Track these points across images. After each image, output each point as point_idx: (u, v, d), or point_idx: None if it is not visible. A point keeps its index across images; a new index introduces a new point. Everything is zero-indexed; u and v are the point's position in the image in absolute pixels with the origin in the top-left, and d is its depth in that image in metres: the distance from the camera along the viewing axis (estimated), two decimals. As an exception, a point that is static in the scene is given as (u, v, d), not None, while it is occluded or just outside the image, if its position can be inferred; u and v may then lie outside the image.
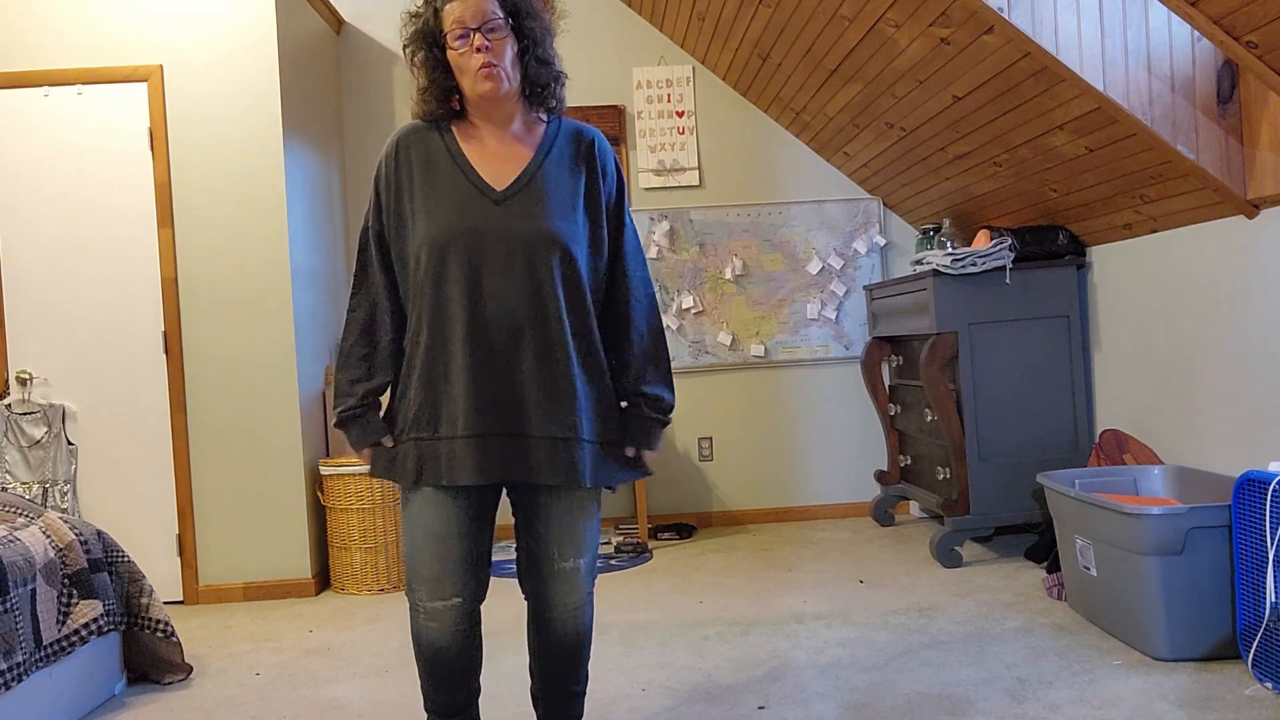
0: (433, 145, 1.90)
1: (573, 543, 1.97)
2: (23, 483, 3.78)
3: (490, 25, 1.82)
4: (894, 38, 3.42)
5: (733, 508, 4.92)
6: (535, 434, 1.86)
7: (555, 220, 1.86)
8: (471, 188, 1.86)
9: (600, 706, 2.55)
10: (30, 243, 3.86)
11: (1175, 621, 2.63)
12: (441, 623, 1.93)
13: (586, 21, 4.90)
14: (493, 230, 1.83)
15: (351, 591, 3.93)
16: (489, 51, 1.81)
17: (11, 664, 2.35)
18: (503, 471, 1.85)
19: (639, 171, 4.90)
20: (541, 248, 1.84)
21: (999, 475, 3.80)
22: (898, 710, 2.42)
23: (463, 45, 1.82)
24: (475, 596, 1.96)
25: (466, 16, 1.81)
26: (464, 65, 1.83)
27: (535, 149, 1.92)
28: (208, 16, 3.89)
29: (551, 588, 1.99)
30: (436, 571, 1.90)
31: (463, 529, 1.90)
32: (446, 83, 1.89)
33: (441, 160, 1.89)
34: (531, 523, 1.98)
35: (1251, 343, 3.00)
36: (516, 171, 1.89)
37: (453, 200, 1.85)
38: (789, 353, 4.90)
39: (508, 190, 1.86)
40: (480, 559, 1.95)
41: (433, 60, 1.88)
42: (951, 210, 4.48)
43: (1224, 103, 2.92)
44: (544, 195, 1.87)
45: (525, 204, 1.86)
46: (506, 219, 1.84)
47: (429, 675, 1.98)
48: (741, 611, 3.35)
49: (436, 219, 1.84)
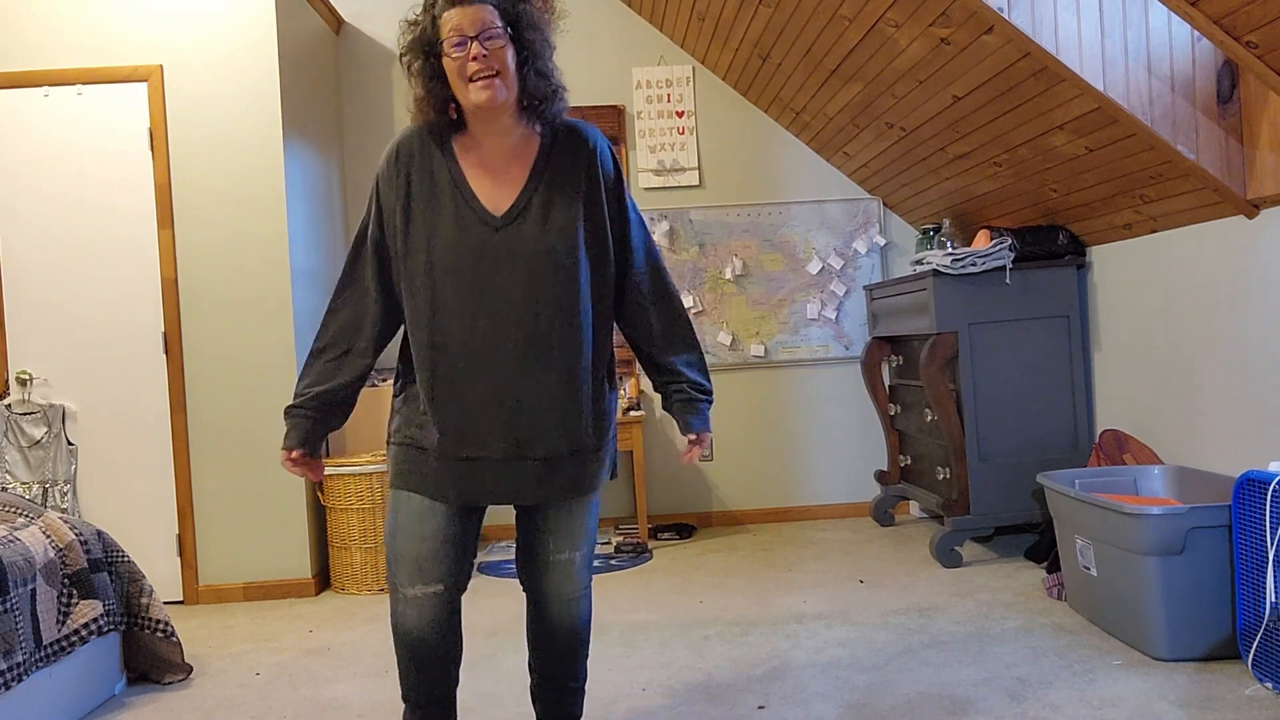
0: (435, 162, 1.88)
1: (570, 536, 1.99)
2: (23, 483, 3.78)
3: (489, 34, 1.79)
4: (894, 38, 3.42)
5: (733, 508, 4.92)
6: (538, 456, 1.87)
7: (554, 239, 1.85)
8: (471, 214, 1.85)
9: (600, 706, 2.55)
10: (30, 243, 3.86)
11: (1175, 621, 2.63)
12: (421, 611, 1.93)
13: (586, 21, 4.90)
14: (492, 251, 1.83)
15: (351, 591, 3.93)
16: (486, 60, 1.78)
17: (11, 664, 2.35)
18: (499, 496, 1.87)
19: (639, 171, 4.90)
20: (541, 267, 1.84)
21: (999, 475, 3.80)
22: (898, 710, 2.42)
23: (460, 53, 1.79)
24: (457, 585, 1.96)
25: (465, 25, 1.78)
26: (461, 74, 1.80)
27: (532, 166, 1.90)
28: (208, 16, 3.89)
29: (547, 578, 2.02)
30: (418, 553, 1.90)
31: (448, 517, 1.92)
32: (443, 92, 1.86)
33: (442, 180, 1.87)
34: (530, 514, 2.01)
35: (1251, 343, 3.00)
36: (514, 195, 1.87)
37: (451, 227, 1.84)
38: (789, 353, 4.89)
39: (506, 216, 1.85)
40: (463, 547, 1.96)
41: (430, 69, 1.85)
42: (951, 210, 4.48)
43: (1224, 103, 2.92)
44: (542, 216, 1.86)
45: (524, 228, 1.85)
46: (505, 245, 1.84)
47: (408, 663, 1.98)
48: (741, 611, 3.35)
49: (436, 244, 1.84)
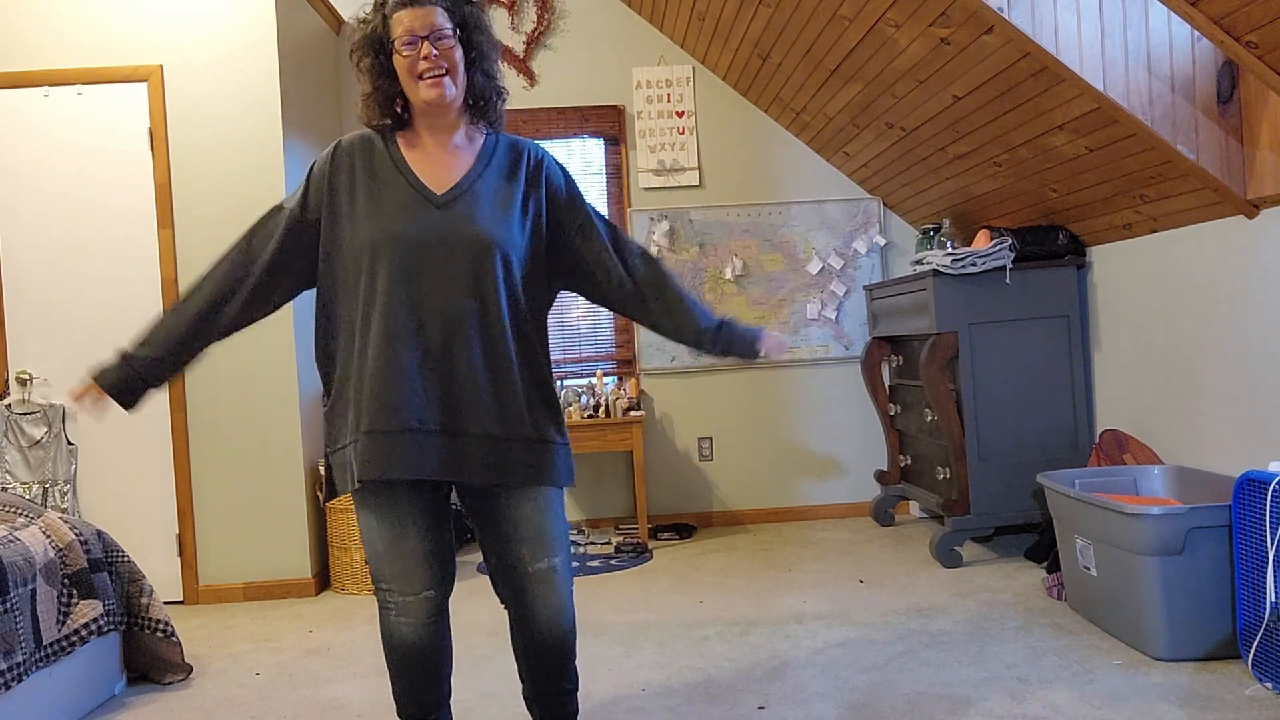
0: (375, 152, 1.93)
1: (542, 542, 1.96)
2: (23, 483, 3.78)
3: (439, 35, 1.86)
4: (894, 38, 3.42)
5: (733, 508, 4.92)
6: (474, 433, 1.86)
7: (494, 225, 1.88)
8: (413, 192, 1.88)
9: (600, 706, 2.55)
10: (30, 243, 3.86)
11: (1175, 621, 2.63)
12: (413, 616, 1.95)
13: (586, 21, 4.90)
14: (433, 234, 1.85)
15: (351, 591, 3.93)
16: (437, 59, 1.84)
17: (11, 664, 2.35)
18: (431, 470, 1.84)
19: (639, 171, 4.90)
20: (481, 251, 1.86)
21: (999, 475, 3.80)
22: (898, 710, 2.42)
23: (410, 51, 1.84)
24: (443, 589, 1.98)
25: (416, 25, 1.85)
26: (411, 71, 1.86)
27: (475, 157, 1.95)
28: (208, 16, 3.89)
29: (530, 592, 1.98)
30: (401, 569, 1.93)
31: (416, 527, 1.92)
32: (391, 89, 1.91)
33: (384, 166, 1.91)
34: (496, 525, 1.96)
35: (1251, 343, 3.00)
36: (457, 178, 1.91)
37: (394, 204, 1.87)
38: (789, 353, 4.89)
39: (448, 194, 1.89)
40: (442, 552, 1.96)
41: (379, 66, 1.90)
42: (951, 210, 4.48)
43: (1224, 103, 2.92)
44: (484, 201, 1.90)
45: (465, 208, 1.88)
46: (447, 223, 1.86)
47: (402, 674, 2.00)
48: (741, 611, 3.35)
49: (378, 223, 1.86)
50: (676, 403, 4.91)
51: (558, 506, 1.99)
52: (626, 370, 4.88)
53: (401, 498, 1.90)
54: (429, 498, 1.94)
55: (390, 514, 1.90)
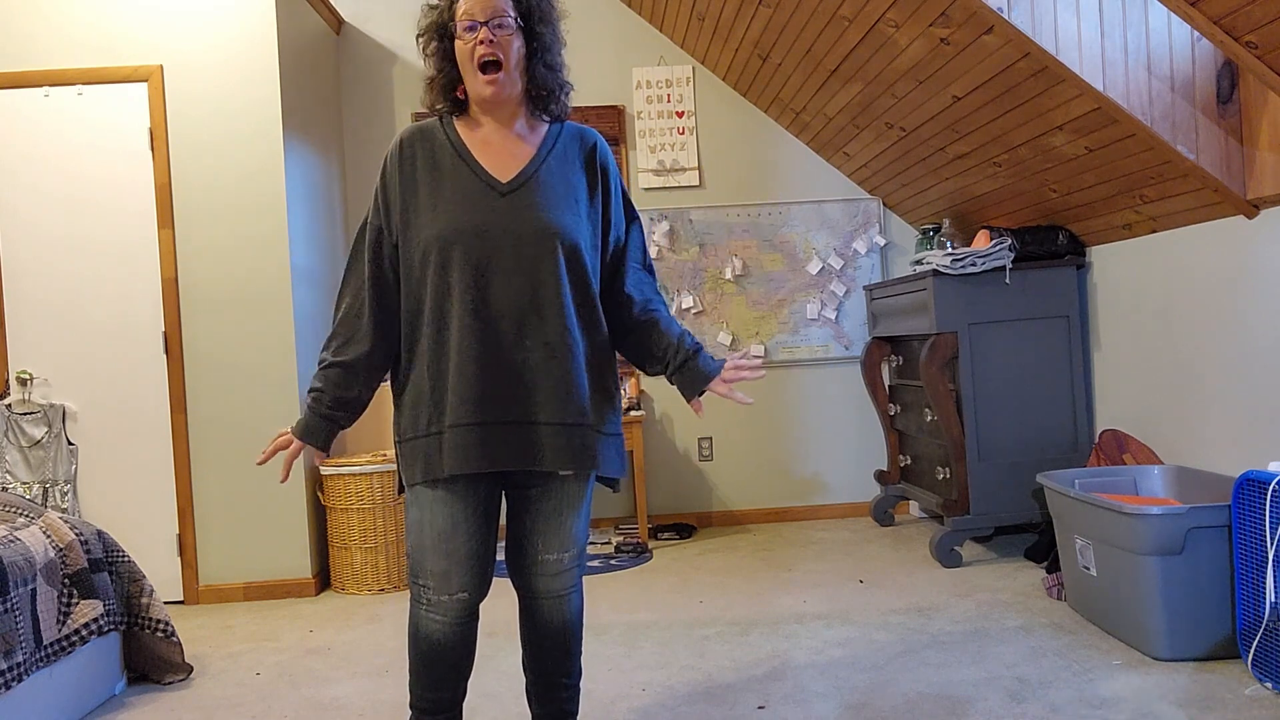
0: (437, 142, 1.92)
1: (558, 537, 1.99)
2: (23, 483, 3.78)
3: (499, 21, 1.85)
4: (894, 38, 3.42)
5: (733, 508, 4.92)
6: (544, 421, 1.87)
7: (560, 214, 1.88)
8: (477, 180, 1.87)
9: (600, 706, 2.55)
10: (30, 243, 3.86)
11: (1175, 621, 2.63)
12: (446, 615, 1.94)
13: (586, 21, 4.90)
14: (499, 224, 1.85)
15: (352, 591, 3.93)
16: (493, 45, 1.84)
17: (11, 664, 2.36)
18: (510, 459, 1.85)
19: (639, 171, 4.90)
20: (548, 240, 1.86)
21: (999, 475, 3.80)
22: (898, 710, 2.43)
23: (470, 36, 1.84)
24: (480, 592, 1.97)
25: (476, 10, 1.85)
26: (469, 58, 1.86)
27: (539, 146, 1.94)
28: (208, 16, 3.89)
29: (534, 576, 2.02)
30: (443, 567, 1.91)
31: (468, 526, 1.91)
32: (453, 74, 1.92)
33: (446, 156, 1.90)
34: (520, 515, 2.00)
35: (1251, 343, 3.00)
36: (521, 165, 1.91)
37: (459, 194, 1.86)
38: (789, 353, 4.90)
39: (513, 182, 1.88)
40: (485, 555, 1.96)
41: (442, 51, 1.91)
42: (951, 210, 4.48)
43: (1224, 103, 2.92)
44: (549, 189, 1.89)
45: (530, 196, 1.87)
46: (512, 212, 1.86)
47: (423, 671, 1.99)
48: (741, 611, 3.35)
49: (442, 215, 1.85)
50: (676, 403, 4.91)
51: (587, 504, 2.02)
52: (627, 370, 4.88)
53: (460, 494, 1.90)
54: (485, 494, 1.93)
55: (446, 509, 1.89)
